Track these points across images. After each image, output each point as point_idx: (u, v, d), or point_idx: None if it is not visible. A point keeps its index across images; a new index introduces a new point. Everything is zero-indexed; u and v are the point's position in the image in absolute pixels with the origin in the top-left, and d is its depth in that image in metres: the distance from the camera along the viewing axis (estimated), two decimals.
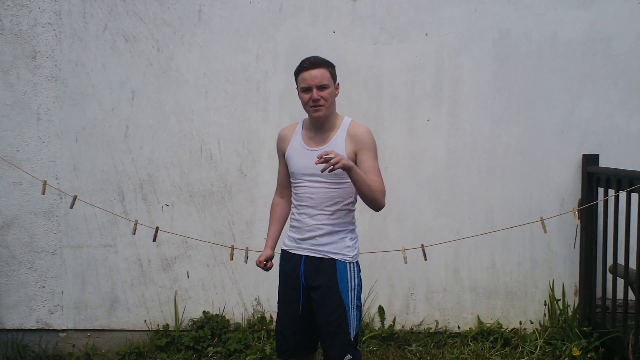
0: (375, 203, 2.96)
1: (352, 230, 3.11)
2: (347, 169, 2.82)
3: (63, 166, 4.55)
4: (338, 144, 3.00)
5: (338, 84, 3.09)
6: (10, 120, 4.51)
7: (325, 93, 2.97)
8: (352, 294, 3.04)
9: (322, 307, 3.02)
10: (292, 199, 3.17)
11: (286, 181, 3.23)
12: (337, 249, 3.03)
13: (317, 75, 2.96)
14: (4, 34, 4.48)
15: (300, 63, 3.02)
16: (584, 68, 4.55)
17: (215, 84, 4.56)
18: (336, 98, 3.09)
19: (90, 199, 4.50)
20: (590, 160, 4.48)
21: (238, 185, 4.60)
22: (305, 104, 3.02)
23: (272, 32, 4.54)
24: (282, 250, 3.19)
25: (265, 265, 3.18)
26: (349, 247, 3.06)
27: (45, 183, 4.14)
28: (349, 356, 3.02)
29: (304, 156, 3.04)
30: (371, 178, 2.93)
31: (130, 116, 4.55)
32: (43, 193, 4.15)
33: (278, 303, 3.21)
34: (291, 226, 3.16)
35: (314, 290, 3.03)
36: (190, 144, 4.58)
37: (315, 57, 3.03)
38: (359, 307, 3.10)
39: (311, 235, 3.04)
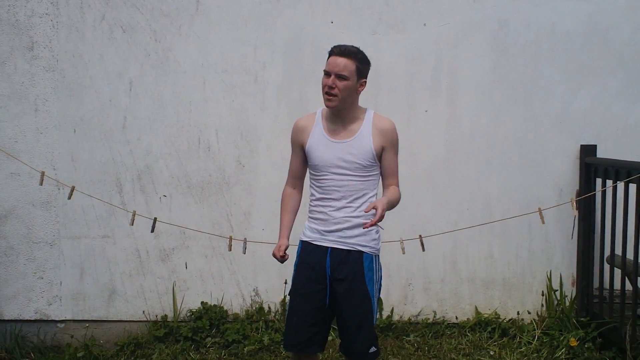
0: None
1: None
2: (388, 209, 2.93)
3: (61, 157, 4.54)
4: (365, 138, 2.99)
5: (364, 81, 3.02)
6: (7, 111, 4.50)
7: (341, 84, 2.92)
8: (376, 287, 3.05)
9: (349, 300, 2.99)
10: (313, 190, 3.10)
11: (300, 172, 3.19)
12: (364, 241, 3.02)
13: (340, 63, 2.92)
14: (1, 24, 4.46)
15: (334, 47, 2.99)
16: (583, 59, 4.55)
17: (213, 75, 4.54)
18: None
19: (88, 190, 4.49)
20: (588, 151, 4.48)
21: (236, 176, 4.60)
22: (322, 88, 2.98)
23: (270, 22, 4.53)
24: (302, 241, 3.13)
25: (282, 257, 3.09)
26: (375, 239, 3.06)
27: (43, 174, 4.13)
28: (373, 348, 3.02)
29: (328, 148, 3.00)
30: (392, 192, 3.03)
31: (128, 107, 4.54)
32: (41, 184, 4.15)
33: (292, 294, 3.14)
34: (313, 218, 3.09)
35: (340, 282, 3.00)
36: (188, 135, 4.57)
37: (347, 47, 2.97)
38: (379, 300, 3.11)
39: (338, 228, 3.01)
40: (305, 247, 3.11)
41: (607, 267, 4.24)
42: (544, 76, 4.56)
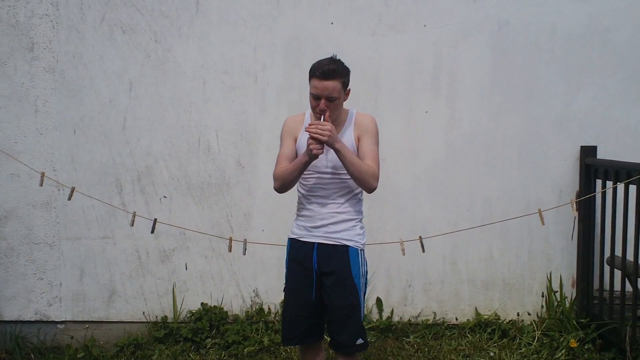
0: (364, 184, 3.00)
1: (361, 220, 3.18)
2: (334, 148, 2.90)
3: (61, 158, 4.54)
4: (348, 138, 3.07)
5: (349, 90, 3.08)
6: (7, 112, 4.50)
7: (333, 104, 2.98)
8: (362, 280, 3.13)
9: (336, 292, 3.06)
10: (299, 188, 3.17)
11: (292, 155, 3.13)
12: (349, 235, 3.09)
13: (328, 86, 2.94)
14: (1, 25, 4.46)
15: (316, 68, 2.96)
16: (583, 59, 4.54)
17: (213, 76, 4.54)
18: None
19: (88, 190, 4.49)
20: (588, 152, 4.48)
21: (236, 177, 4.60)
22: (312, 109, 3.04)
23: (270, 23, 4.53)
24: (290, 239, 3.21)
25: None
26: (360, 234, 3.14)
27: (43, 175, 4.13)
28: (360, 340, 3.09)
29: None
30: (362, 161, 2.98)
31: (127, 108, 4.54)
32: (41, 185, 4.14)
33: (286, 290, 3.23)
34: (300, 215, 3.18)
35: (328, 276, 3.08)
36: (188, 136, 4.57)
37: (329, 67, 2.94)
38: (364, 294, 3.17)
39: (324, 224, 3.08)
40: (294, 244, 3.19)
41: (607, 268, 4.23)
42: (543, 77, 4.55)
